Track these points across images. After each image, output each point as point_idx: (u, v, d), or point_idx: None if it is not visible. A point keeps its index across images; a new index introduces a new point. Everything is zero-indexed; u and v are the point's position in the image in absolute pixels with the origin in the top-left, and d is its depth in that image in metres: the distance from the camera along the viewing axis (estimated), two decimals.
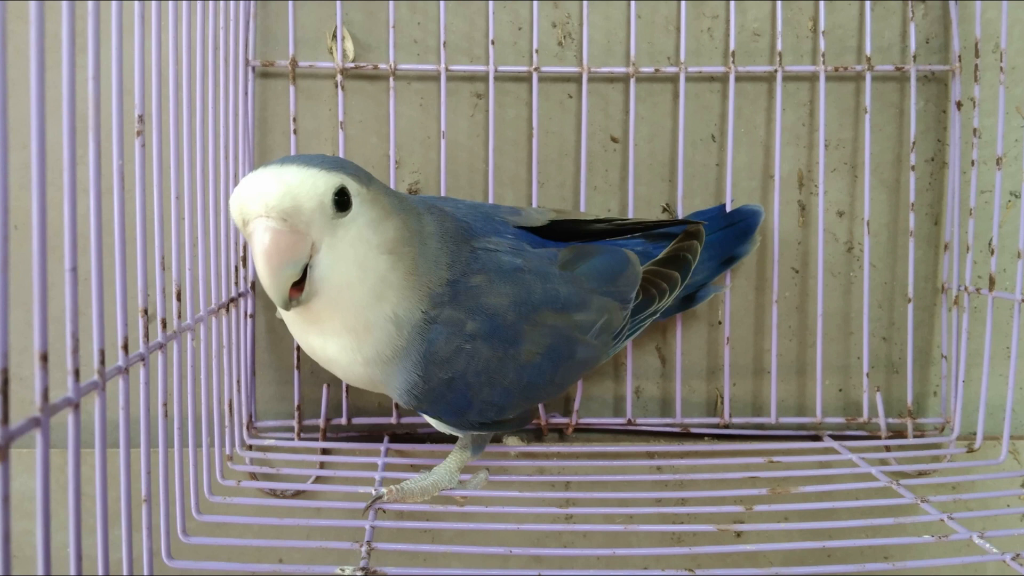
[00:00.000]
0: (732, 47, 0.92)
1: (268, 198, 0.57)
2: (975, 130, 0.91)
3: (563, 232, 0.79)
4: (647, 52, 0.94)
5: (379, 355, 0.65)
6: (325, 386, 0.92)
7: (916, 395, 0.96)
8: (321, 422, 0.91)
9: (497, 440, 0.93)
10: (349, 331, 0.64)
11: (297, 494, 0.91)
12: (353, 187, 0.60)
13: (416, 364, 0.66)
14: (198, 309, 0.70)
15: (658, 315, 0.83)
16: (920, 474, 0.93)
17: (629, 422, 0.94)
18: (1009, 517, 0.92)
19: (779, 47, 0.92)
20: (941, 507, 0.75)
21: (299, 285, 0.60)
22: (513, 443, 0.94)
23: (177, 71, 0.65)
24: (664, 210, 0.96)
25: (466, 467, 0.78)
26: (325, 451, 0.91)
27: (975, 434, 0.91)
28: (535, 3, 0.92)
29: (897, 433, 0.94)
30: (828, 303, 0.96)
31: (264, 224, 0.57)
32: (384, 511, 0.74)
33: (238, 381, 0.83)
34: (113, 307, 0.53)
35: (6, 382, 0.36)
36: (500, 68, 0.91)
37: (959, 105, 0.92)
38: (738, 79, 0.94)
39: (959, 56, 0.92)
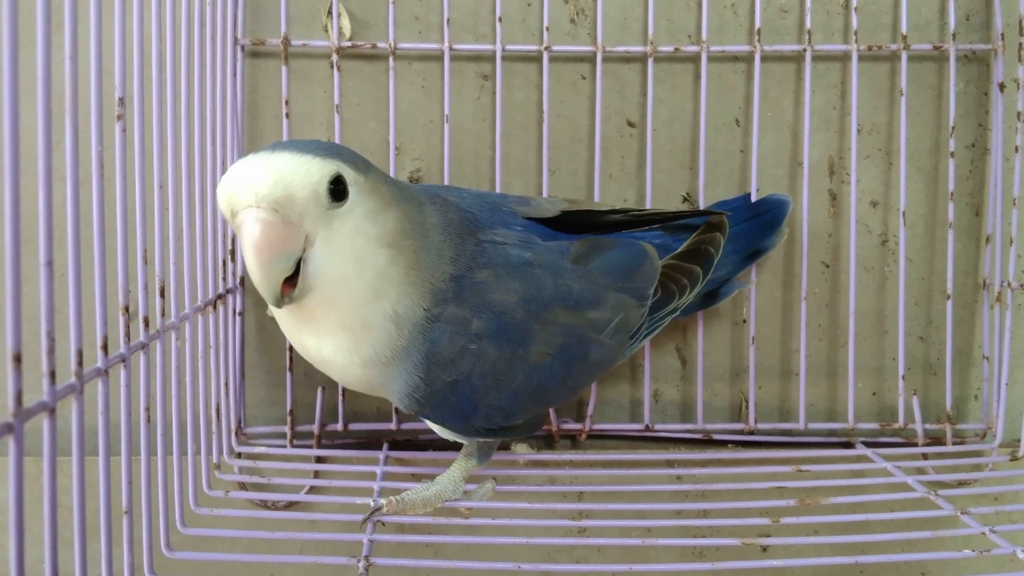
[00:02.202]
0: (758, 24, 0.92)
1: (258, 187, 0.57)
2: (1019, 114, 0.90)
3: (576, 224, 0.79)
4: (666, 30, 0.94)
5: (378, 356, 0.65)
6: (320, 389, 0.92)
7: (955, 399, 0.96)
8: (316, 428, 0.91)
9: (505, 447, 0.93)
10: (346, 330, 0.64)
11: (290, 505, 0.91)
12: (350, 175, 0.60)
13: (418, 365, 0.65)
14: (183, 306, 0.70)
15: (678, 313, 0.83)
16: (960, 484, 0.92)
17: (647, 428, 0.94)
18: None
19: (808, 24, 0.91)
20: (982, 519, 0.74)
21: (292, 281, 0.59)
22: (522, 450, 0.93)
23: (161, 50, 0.65)
24: (684, 200, 0.95)
25: (471, 476, 0.78)
26: (320, 459, 0.91)
27: (1019, 441, 0.90)
28: None
29: (935, 440, 0.94)
30: (861, 300, 0.95)
31: (254, 215, 0.57)
32: (383, 524, 0.74)
33: (226, 384, 0.83)
34: (92, 304, 0.52)
35: None
36: (508, 47, 0.91)
37: (1002, 87, 0.92)
38: (764, 59, 0.93)
39: (1002, 34, 0.92)
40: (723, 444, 0.95)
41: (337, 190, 0.59)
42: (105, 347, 0.53)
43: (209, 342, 0.77)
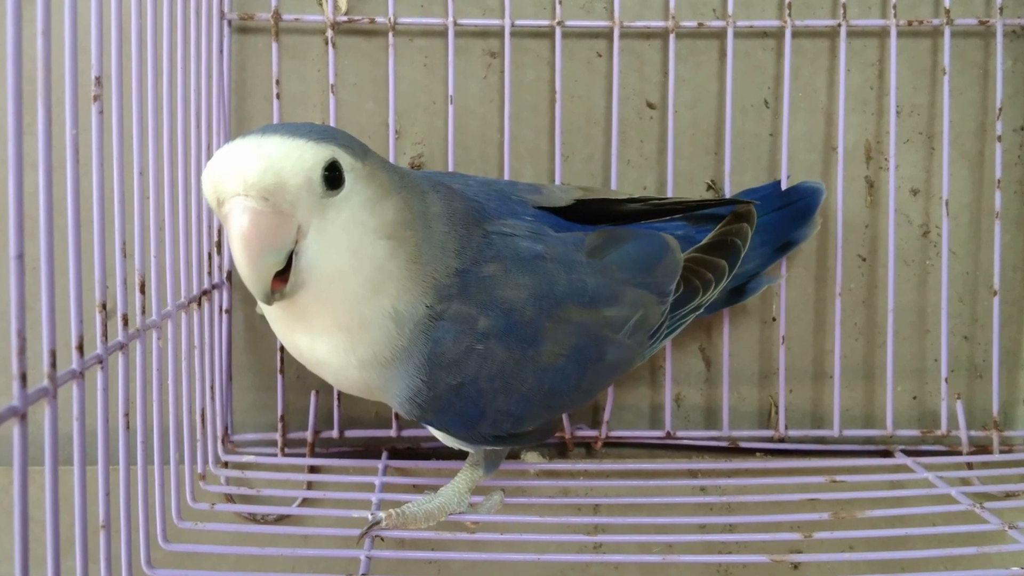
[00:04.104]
0: None
1: (247, 174, 0.57)
2: None
3: (591, 214, 0.79)
4: (689, 3, 0.93)
5: (376, 357, 0.65)
6: (313, 393, 0.92)
7: (1003, 403, 0.96)
8: (309, 435, 0.91)
9: (514, 456, 0.93)
10: (341, 329, 0.63)
11: (281, 519, 0.91)
12: (346, 161, 0.60)
13: (419, 367, 0.65)
14: (165, 303, 0.70)
15: (702, 310, 0.83)
16: (1008, 496, 0.91)
17: (668, 435, 0.94)
18: None
19: None
20: None
21: (283, 275, 0.59)
22: (533, 460, 0.93)
23: (141, 26, 0.64)
24: (709, 188, 0.95)
25: (478, 488, 0.78)
26: (313, 469, 0.91)
27: None
28: None
29: (981, 448, 0.94)
30: (900, 296, 0.95)
31: (242, 204, 0.57)
32: (382, 539, 0.74)
33: (212, 387, 0.82)
34: (66, 301, 0.52)
35: None
36: (517, 22, 0.91)
37: None
38: (795, 35, 0.93)
39: None
40: (751, 453, 0.95)
41: (332, 177, 0.59)
42: (80, 347, 0.53)
43: (193, 342, 0.77)
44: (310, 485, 0.89)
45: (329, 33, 0.90)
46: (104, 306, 0.57)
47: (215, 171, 0.58)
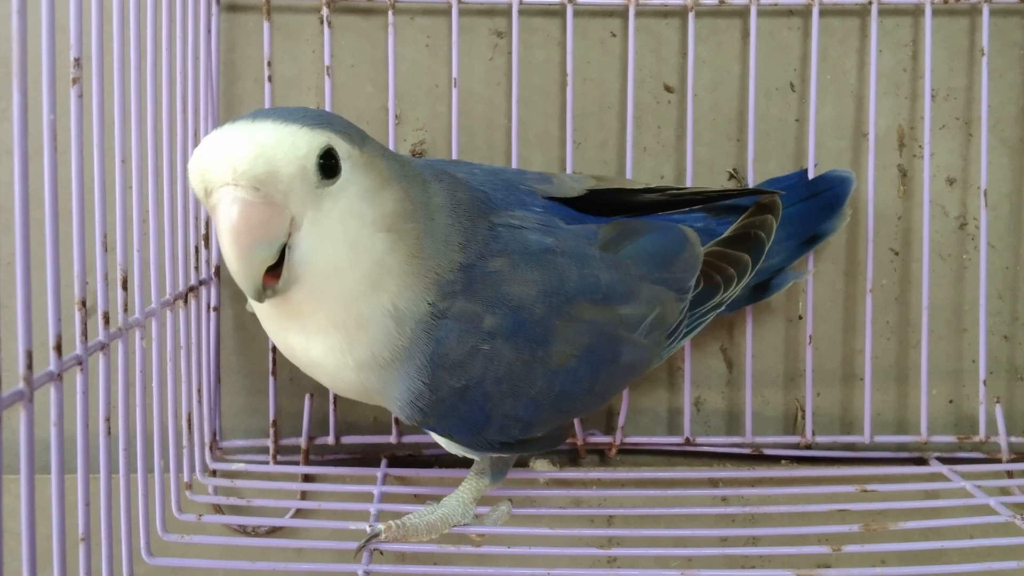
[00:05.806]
0: None
1: (236, 162, 0.56)
2: None
3: (605, 204, 0.79)
4: None
5: (375, 358, 0.64)
6: (308, 397, 0.92)
7: None
8: (303, 441, 0.91)
9: (522, 464, 0.93)
10: (338, 328, 0.63)
11: (273, 531, 0.91)
12: (343, 148, 0.60)
13: (421, 369, 0.65)
14: (149, 300, 0.70)
15: (723, 308, 0.83)
16: None
17: (687, 441, 0.94)
18: None
19: None
20: None
21: (275, 270, 0.59)
22: (542, 468, 0.93)
23: (123, 3, 0.64)
24: (731, 177, 0.95)
25: (483, 498, 0.78)
26: (308, 478, 0.91)
27: None
28: None
29: (1021, 455, 0.93)
30: (935, 293, 0.94)
31: (231, 194, 0.57)
32: (381, 552, 0.74)
33: (199, 390, 0.82)
34: (43, 298, 0.52)
35: None
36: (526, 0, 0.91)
37: None
38: (823, 13, 0.92)
39: None
40: (775, 460, 0.95)
41: (328, 165, 0.59)
42: (59, 348, 0.53)
43: (179, 342, 0.77)
44: (304, 495, 0.89)
45: (324, 11, 0.90)
46: (84, 303, 0.57)
47: (202, 159, 0.58)
